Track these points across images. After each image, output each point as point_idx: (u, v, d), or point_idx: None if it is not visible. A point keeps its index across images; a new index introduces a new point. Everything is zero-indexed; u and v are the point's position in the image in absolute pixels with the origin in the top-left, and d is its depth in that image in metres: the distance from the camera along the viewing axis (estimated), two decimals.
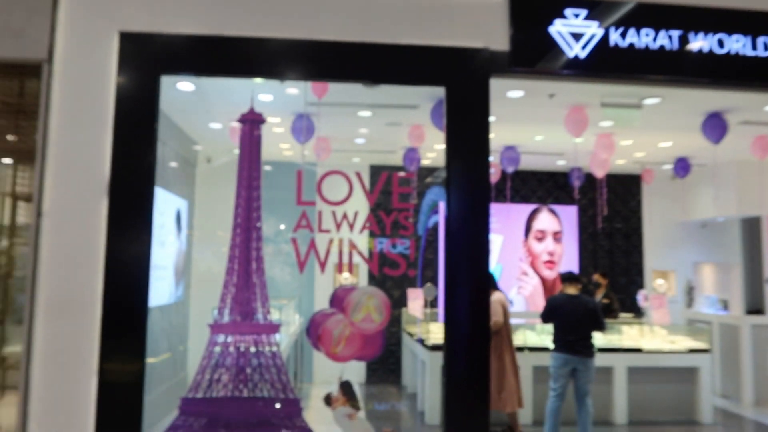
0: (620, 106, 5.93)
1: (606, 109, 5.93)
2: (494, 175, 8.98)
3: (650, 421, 6.48)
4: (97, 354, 4.09)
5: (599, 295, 8.11)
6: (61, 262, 4.26)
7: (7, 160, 6.74)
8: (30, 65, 4.45)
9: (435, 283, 8.12)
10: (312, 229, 4.42)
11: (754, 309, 8.84)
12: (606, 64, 5.00)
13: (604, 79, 5.16)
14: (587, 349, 5.79)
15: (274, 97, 6.02)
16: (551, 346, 6.33)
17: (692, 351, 6.79)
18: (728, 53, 5.11)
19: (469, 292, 4.52)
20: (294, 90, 5.80)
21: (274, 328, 4.43)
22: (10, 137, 6.08)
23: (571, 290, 6.06)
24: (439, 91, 4.94)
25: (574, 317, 5.85)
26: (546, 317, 6.00)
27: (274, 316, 4.84)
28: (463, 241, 4.57)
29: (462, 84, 4.79)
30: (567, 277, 6.31)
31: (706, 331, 7.32)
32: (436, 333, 6.06)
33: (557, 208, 10.27)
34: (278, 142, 7.39)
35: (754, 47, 5.14)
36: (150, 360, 5.16)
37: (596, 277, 8.48)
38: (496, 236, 9.98)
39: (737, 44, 5.14)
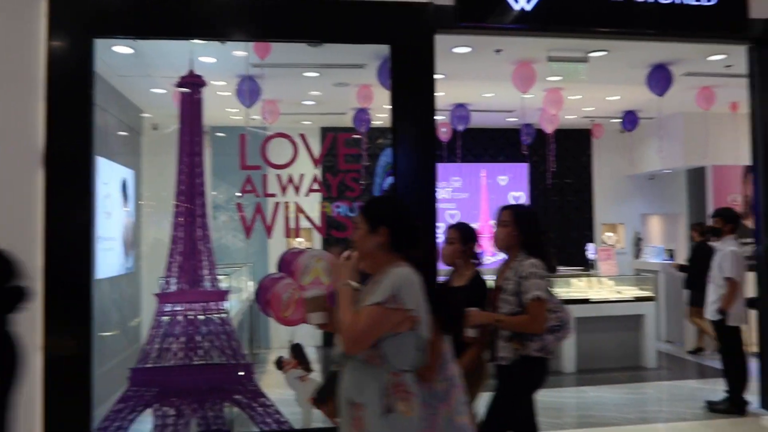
0: (566, 60, 5.95)
1: (553, 64, 5.95)
2: (445, 134, 8.98)
3: (598, 369, 6.75)
4: (41, 328, 3.99)
5: None
6: None
7: None
8: None
9: None
10: (258, 194, 4.37)
11: None
12: (552, 17, 5.00)
13: (550, 33, 5.17)
14: None
15: (218, 60, 5.82)
16: None
17: (638, 299, 7.05)
18: (673, 3, 5.17)
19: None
20: (241, 52, 5.63)
21: (222, 294, 4.39)
22: None
23: None
24: (385, 49, 4.87)
25: None
26: None
27: (224, 282, 4.80)
28: (412, 201, 4.57)
29: (407, 41, 4.71)
30: None
31: (652, 280, 7.60)
32: None
33: (508, 165, 10.41)
34: (225, 107, 7.19)
35: None
36: (102, 333, 5.07)
37: None
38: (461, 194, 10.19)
39: None
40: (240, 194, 4.42)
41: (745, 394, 5.25)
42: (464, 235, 3.50)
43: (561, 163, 10.00)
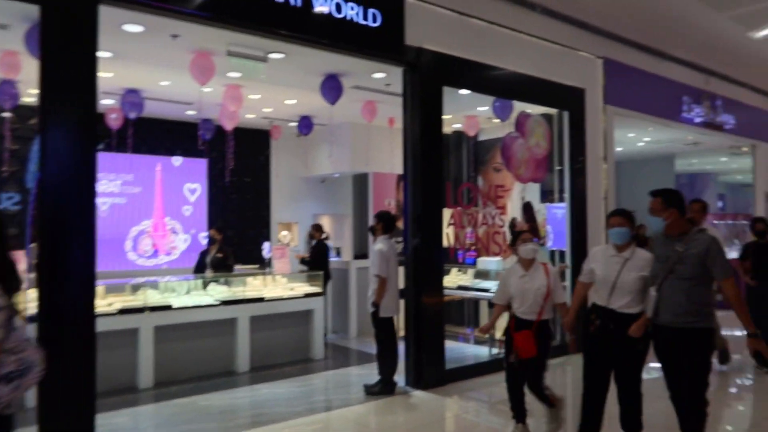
0: (246, 57, 5.89)
1: (232, 59, 5.83)
2: (116, 120, 8.14)
3: (271, 365, 6.89)
4: None
5: (214, 251, 8.06)
6: None
7: None
8: None
9: None
10: None
11: (360, 254, 10.16)
12: (232, 10, 4.87)
13: (228, 25, 5.02)
14: None
15: None
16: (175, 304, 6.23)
17: (308, 295, 7.41)
18: (344, 19, 5.54)
19: (74, 254, 3.94)
20: None
21: None
22: None
23: None
24: (35, 11, 4.09)
25: None
26: None
27: None
28: (65, 194, 3.93)
29: (62, 5, 4.04)
30: None
31: (320, 276, 8.08)
32: (34, 302, 4.69)
33: (186, 160, 9.97)
34: None
35: (365, 17, 5.69)
36: None
37: (211, 233, 8.47)
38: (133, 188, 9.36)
39: (352, 11, 5.60)
40: None
41: (394, 376, 5.92)
42: None
43: (240, 162, 9.99)
